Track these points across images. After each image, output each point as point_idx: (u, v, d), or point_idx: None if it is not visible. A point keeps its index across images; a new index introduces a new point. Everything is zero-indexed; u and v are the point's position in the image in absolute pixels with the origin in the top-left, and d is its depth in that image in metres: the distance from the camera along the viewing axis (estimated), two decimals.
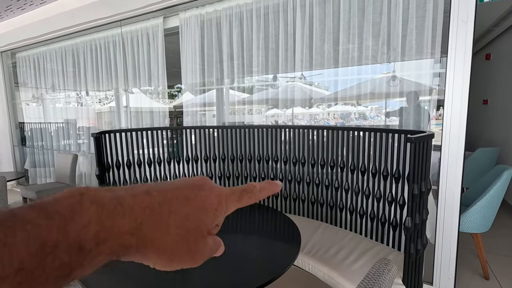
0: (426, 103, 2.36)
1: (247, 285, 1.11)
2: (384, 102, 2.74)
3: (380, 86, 2.44)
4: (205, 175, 2.59)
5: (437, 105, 2.28)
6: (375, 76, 2.49)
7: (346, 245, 1.92)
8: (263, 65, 2.76)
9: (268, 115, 3.79)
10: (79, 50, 4.09)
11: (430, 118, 2.29)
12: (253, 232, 1.64)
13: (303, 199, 2.41)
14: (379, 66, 2.38)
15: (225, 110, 3.27)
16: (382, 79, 2.42)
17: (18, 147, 5.36)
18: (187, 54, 3.11)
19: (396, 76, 2.30)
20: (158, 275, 1.19)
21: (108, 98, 4.30)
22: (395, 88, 2.34)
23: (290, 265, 1.24)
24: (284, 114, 3.64)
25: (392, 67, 2.31)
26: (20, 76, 5.04)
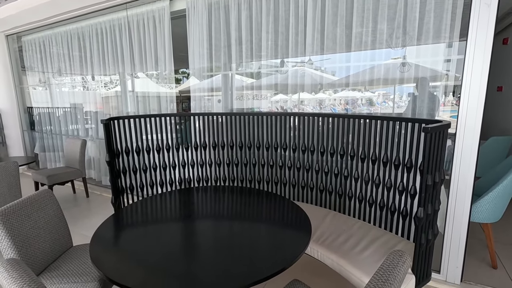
0: (435, 89, 2.28)
1: (259, 273, 1.12)
2: (393, 88, 2.67)
3: (390, 72, 2.37)
4: (213, 162, 2.59)
5: (447, 91, 2.21)
6: (385, 61, 2.41)
7: (355, 233, 1.93)
8: (272, 50, 2.69)
9: (273, 101, 3.73)
10: (85, 33, 4.03)
11: (439, 105, 2.22)
12: (263, 220, 1.64)
13: (311, 187, 2.40)
14: (389, 52, 2.30)
15: (232, 96, 3.21)
16: (391, 65, 2.35)
17: (27, 132, 5.42)
18: (194, 38, 3.04)
19: (407, 62, 2.23)
20: (168, 260, 1.21)
21: (114, 82, 4.27)
22: (405, 74, 2.27)
23: (302, 254, 1.25)
24: (290, 100, 3.59)
25: (403, 53, 2.23)
26: (27, 60, 5.02)
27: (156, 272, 1.13)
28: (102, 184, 4.33)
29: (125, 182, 2.36)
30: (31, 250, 1.49)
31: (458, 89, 2.14)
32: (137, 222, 1.63)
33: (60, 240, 1.71)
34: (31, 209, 1.56)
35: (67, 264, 1.60)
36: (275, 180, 2.55)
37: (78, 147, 3.73)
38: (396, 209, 1.91)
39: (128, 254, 1.27)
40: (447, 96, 2.27)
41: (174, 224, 1.64)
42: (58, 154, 5.04)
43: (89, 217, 3.33)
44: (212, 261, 1.20)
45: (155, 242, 1.39)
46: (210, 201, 1.93)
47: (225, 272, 1.13)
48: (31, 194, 1.62)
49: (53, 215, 1.69)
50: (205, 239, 1.42)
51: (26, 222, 1.51)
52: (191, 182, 2.66)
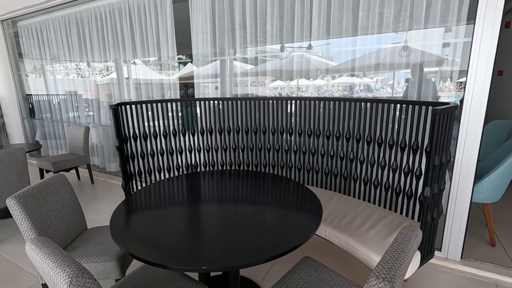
0: (435, 74, 2.30)
1: (271, 250, 1.17)
2: (393, 73, 2.68)
3: (390, 57, 2.37)
4: (219, 147, 2.62)
5: (445, 77, 2.23)
6: (385, 46, 2.41)
7: (360, 213, 1.99)
8: (277, 34, 2.67)
9: (271, 87, 3.73)
10: (83, 18, 3.95)
11: (436, 90, 2.25)
12: (275, 201, 1.69)
13: (317, 170, 2.45)
14: (390, 36, 2.30)
15: (230, 82, 3.19)
16: (392, 49, 2.35)
17: (27, 119, 5.39)
18: (197, 22, 3.00)
19: (408, 46, 2.24)
20: (183, 238, 1.26)
21: (110, 69, 4.23)
22: (406, 59, 2.29)
23: (315, 231, 1.30)
24: (288, 86, 3.60)
25: (403, 37, 2.23)
26: (23, 46, 4.93)
27: (173, 250, 1.18)
28: (106, 170, 4.37)
29: (133, 167, 2.40)
30: (50, 231, 1.54)
31: (455, 75, 2.18)
32: (150, 205, 1.68)
33: (76, 222, 1.76)
34: (47, 193, 1.59)
35: (84, 245, 1.65)
36: (280, 164, 2.60)
37: (81, 134, 3.74)
38: (401, 190, 1.97)
39: (144, 234, 1.31)
40: (444, 81, 2.29)
41: (186, 206, 1.69)
42: (60, 141, 5.04)
43: (96, 203, 3.38)
44: (228, 237, 1.25)
45: (170, 223, 1.44)
46: (220, 184, 1.98)
47: (243, 247, 1.19)
48: (46, 178, 1.65)
49: (68, 198, 1.73)
50: (219, 218, 1.47)
51: (43, 205, 1.54)
52: (197, 167, 2.69)
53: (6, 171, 2.48)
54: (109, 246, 1.62)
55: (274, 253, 1.13)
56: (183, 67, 9.09)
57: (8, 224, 2.88)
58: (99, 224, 2.80)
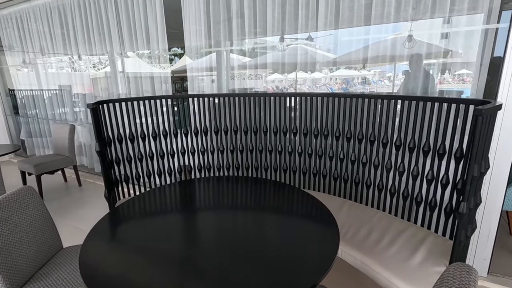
0: (432, 66, 2.14)
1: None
2: (394, 66, 2.46)
3: (393, 49, 2.16)
4: (215, 149, 2.36)
5: (445, 69, 2.10)
6: (388, 36, 2.21)
7: (376, 225, 1.76)
8: (279, 24, 2.39)
9: (269, 80, 3.49)
10: (66, 7, 3.62)
11: (435, 83, 2.10)
12: (282, 220, 1.45)
13: (324, 174, 2.21)
14: (389, 26, 2.11)
15: (227, 75, 2.92)
16: (393, 40, 2.15)
17: (11, 116, 5.07)
18: (190, 11, 2.70)
19: (413, 37, 2.02)
20: (193, 273, 1.01)
21: (103, 62, 3.92)
22: (410, 50, 2.07)
23: (334, 261, 1.06)
24: (285, 79, 3.34)
25: (408, 27, 2.05)
26: (4, 38, 4.59)
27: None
28: (95, 171, 4.09)
29: (119, 172, 2.13)
30: (12, 258, 1.28)
31: (456, 67, 2.00)
32: (137, 225, 1.42)
33: (47, 243, 1.50)
34: (8, 211, 1.33)
35: (56, 270, 1.39)
36: (283, 167, 2.35)
37: (66, 133, 3.45)
38: (423, 200, 1.73)
39: (125, 275, 1.06)
40: (443, 73, 2.17)
41: (180, 229, 1.44)
42: (47, 139, 4.74)
43: (83, 208, 3.12)
44: (234, 275, 1.01)
45: (158, 256, 1.19)
46: (218, 196, 1.73)
47: (250, 285, 0.94)
48: (8, 194, 1.38)
49: (36, 215, 1.47)
50: (221, 247, 1.22)
51: (3, 226, 1.28)
52: (192, 170, 2.44)
53: None
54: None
55: None
56: (178, 60, 8.71)
57: None
58: (83, 234, 2.53)
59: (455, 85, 2.27)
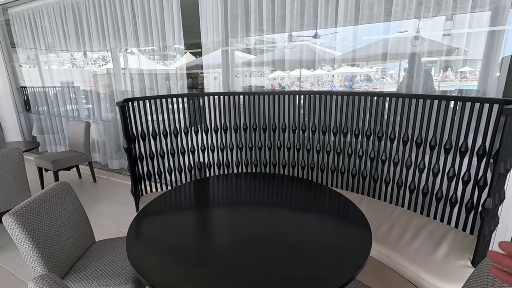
0: (433, 64, 2.25)
1: (326, 283, 0.98)
2: (399, 63, 2.52)
3: (396, 46, 2.24)
4: (234, 146, 2.40)
5: (446, 66, 2.18)
6: (392, 35, 2.29)
7: (397, 221, 1.80)
8: (298, 20, 2.42)
9: (270, 78, 3.53)
10: (80, 5, 3.65)
11: (432, 80, 2.21)
12: (309, 215, 1.49)
13: (342, 171, 2.25)
14: (396, 24, 2.19)
15: (232, 73, 2.96)
16: (398, 39, 2.23)
17: (22, 113, 5.12)
18: (207, 6, 2.73)
19: (420, 35, 2.10)
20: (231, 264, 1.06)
21: (113, 59, 3.96)
22: (417, 48, 2.14)
23: (367, 259, 1.10)
24: (288, 77, 3.38)
25: (415, 25, 2.12)
26: (16, 35, 4.62)
27: (214, 282, 0.99)
28: (108, 168, 4.15)
29: (142, 169, 2.18)
30: (54, 250, 1.33)
31: (459, 64, 2.08)
32: (168, 224, 1.47)
33: (83, 237, 1.55)
34: (49, 206, 1.38)
35: (93, 263, 1.45)
36: (301, 164, 2.39)
37: (82, 130, 3.50)
38: (443, 196, 1.78)
39: (174, 260, 1.11)
40: (445, 71, 2.24)
41: (217, 220, 1.49)
42: (58, 136, 4.79)
43: (99, 203, 3.18)
44: (272, 266, 1.06)
45: (201, 242, 1.24)
46: (242, 191, 1.77)
47: (287, 279, 0.99)
48: (48, 189, 1.43)
49: (73, 210, 1.52)
50: (252, 240, 1.27)
51: (45, 220, 1.33)
52: (211, 167, 2.48)
53: (2, 173, 2.26)
54: (122, 265, 1.42)
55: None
56: (181, 57, 8.77)
57: (4, 229, 2.67)
58: (103, 228, 2.61)
59: (458, 82, 2.34)
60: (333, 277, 0.99)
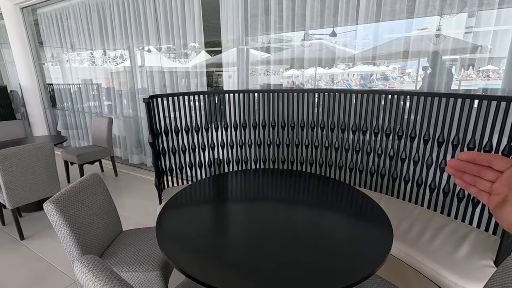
0: (454, 62, 2.23)
1: (346, 275, 1.01)
2: (418, 61, 2.49)
3: (416, 44, 2.23)
4: (253, 143, 2.45)
5: (467, 64, 2.19)
6: (412, 33, 2.28)
7: (417, 219, 1.80)
8: (318, 18, 2.43)
9: (285, 76, 3.55)
10: (105, 4, 3.79)
11: (452, 79, 2.19)
12: (329, 210, 1.52)
13: (361, 169, 2.26)
14: (414, 22, 2.17)
15: (247, 71, 2.99)
16: (419, 36, 2.22)
17: (49, 109, 5.36)
18: (227, 3, 2.78)
19: (441, 32, 2.08)
20: (246, 255, 1.11)
21: (125, 57, 4.08)
22: (438, 46, 2.12)
23: (388, 255, 1.12)
24: (302, 75, 3.40)
25: (436, 23, 2.10)
26: (43, 34, 4.84)
27: (236, 269, 1.04)
28: (128, 162, 4.30)
29: (164, 163, 2.27)
30: (87, 237, 1.42)
31: (483, 62, 2.05)
32: (198, 210, 1.54)
33: (112, 225, 1.64)
34: (83, 195, 1.47)
35: (122, 251, 1.53)
36: (319, 162, 2.41)
37: (105, 126, 3.64)
38: (465, 196, 1.76)
39: (200, 247, 1.17)
40: (466, 69, 2.24)
41: (238, 212, 1.54)
42: (81, 131, 5.00)
43: (121, 196, 3.31)
44: (289, 258, 1.10)
45: (226, 233, 1.30)
46: (265, 186, 1.82)
47: (311, 271, 1.03)
48: (82, 179, 1.53)
49: (103, 200, 1.61)
50: (275, 231, 1.31)
51: (80, 208, 1.42)
52: (230, 163, 2.54)
53: (35, 165, 2.40)
54: (149, 253, 1.50)
55: (351, 280, 0.96)
56: (196, 56, 8.89)
57: (36, 218, 2.84)
58: (127, 220, 2.72)
59: (480, 81, 2.30)
60: (354, 271, 1.02)
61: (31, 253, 2.25)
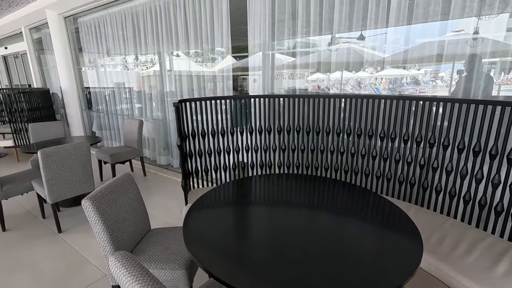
0: (492, 65, 2.14)
1: (372, 286, 0.98)
2: (452, 64, 2.36)
3: (451, 47, 2.12)
4: (277, 147, 2.46)
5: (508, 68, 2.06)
6: (446, 35, 2.17)
7: (449, 232, 1.71)
8: (347, 21, 2.40)
9: (310, 80, 3.51)
10: (139, 13, 4.00)
11: (493, 83, 2.09)
12: (355, 219, 1.49)
13: (388, 177, 2.18)
14: (453, 23, 2.06)
15: (273, 74, 3.00)
16: (456, 39, 2.10)
17: (85, 111, 5.72)
18: (255, 9, 2.83)
19: (479, 35, 1.98)
20: (272, 256, 1.11)
21: (155, 62, 4.26)
22: (476, 49, 2.01)
23: (417, 268, 1.08)
24: (328, 79, 3.34)
25: (473, 25, 2.01)
26: (83, 41, 5.19)
27: (259, 272, 1.05)
28: (156, 163, 4.47)
29: (191, 165, 2.34)
30: (119, 233, 1.50)
31: None
32: (223, 212, 1.57)
33: (141, 223, 1.72)
34: (117, 194, 1.56)
35: (150, 248, 1.60)
36: (344, 168, 2.37)
37: (136, 128, 3.82)
38: (504, 210, 1.65)
39: (224, 248, 1.20)
40: (507, 73, 2.15)
41: (262, 216, 1.56)
42: (114, 132, 5.27)
43: (150, 196, 3.44)
44: (315, 266, 1.09)
45: (250, 236, 1.32)
46: (292, 191, 1.82)
47: (335, 282, 1.01)
48: (116, 178, 1.62)
49: (134, 198, 1.70)
50: (300, 235, 1.31)
51: (113, 206, 1.51)
52: (254, 167, 2.57)
53: (72, 164, 2.57)
54: (176, 252, 1.55)
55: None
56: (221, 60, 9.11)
57: (72, 213, 3.03)
58: (153, 218, 2.83)
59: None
60: (381, 282, 0.99)
61: (67, 246, 2.41)
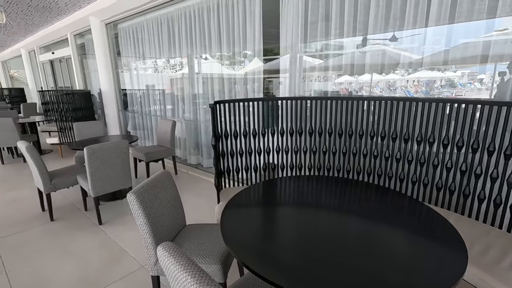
0: None
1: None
2: (494, 66, 2.20)
3: (493, 47, 1.96)
4: (308, 149, 2.45)
5: None
6: (488, 34, 2.04)
7: (494, 243, 1.61)
8: (383, 22, 2.35)
9: (337, 83, 3.44)
10: (174, 18, 4.18)
11: None
12: (393, 225, 1.46)
13: (425, 183, 2.10)
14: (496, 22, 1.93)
15: (300, 77, 2.99)
16: (505, 40, 1.97)
17: (121, 112, 6.06)
18: (288, 11, 2.85)
19: None
20: (308, 257, 1.13)
21: (184, 65, 4.40)
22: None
23: (461, 278, 1.04)
24: (356, 81, 3.26)
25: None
26: (121, 45, 5.51)
27: (297, 270, 1.07)
28: (187, 162, 4.62)
29: (223, 165, 2.40)
30: (159, 227, 1.59)
31: None
32: (256, 211, 1.61)
33: (178, 218, 1.80)
34: (157, 189, 1.65)
35: (186, 243, 1.67)
36: (378, 172, 2.31)
37: (169, 128, 3.99)
38: None
39: (258, 245, 1.23)
40: None
41: (292, 216, 1.57)
42: (146, 132, 5.53)
43: (181, 193, 3.57)
44: (352, 266, 1.09)
45: (282, 235, 1.34)
46: (324, 193, 1.82)
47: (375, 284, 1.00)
48: (156, 175, 1.72)
49: (172, 194, 1.78)
50: (334, 236, 1.31)
51: (154, 200, 1.60)
52: (284, 168, 2.59)
53: (113, 160, 2.75)
54: (210, 247, 1.61)
55: None
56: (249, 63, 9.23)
57: (110, 206, 3.23)
58: (188, 215, 2.93)
59: None
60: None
61: (107, 238, 2.58)
